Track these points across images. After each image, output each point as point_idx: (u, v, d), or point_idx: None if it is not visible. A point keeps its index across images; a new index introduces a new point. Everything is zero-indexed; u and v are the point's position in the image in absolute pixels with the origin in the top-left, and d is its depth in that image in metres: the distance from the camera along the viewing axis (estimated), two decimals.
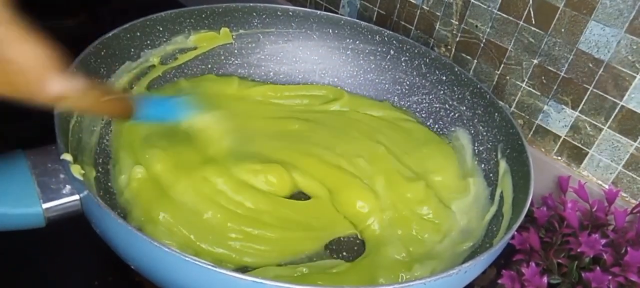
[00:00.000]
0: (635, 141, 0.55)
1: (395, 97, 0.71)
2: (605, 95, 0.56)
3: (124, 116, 0.46)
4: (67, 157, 0.42)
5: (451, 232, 0.55)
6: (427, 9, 0.68)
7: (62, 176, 0.42)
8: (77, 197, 0.42)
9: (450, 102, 0.66)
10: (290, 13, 0.70)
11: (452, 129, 0.66)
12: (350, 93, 0.71)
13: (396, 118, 0.68)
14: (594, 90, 0.57)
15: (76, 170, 0.41)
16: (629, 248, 0.48)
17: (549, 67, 0.59)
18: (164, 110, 0.50)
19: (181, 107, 0.51)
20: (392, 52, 0.70)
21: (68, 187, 0.42)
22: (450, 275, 0.40)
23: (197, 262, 0.36)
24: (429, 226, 0.56)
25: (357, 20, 0.70)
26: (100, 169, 0.52)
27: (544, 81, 0.60)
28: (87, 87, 0.40)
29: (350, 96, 0.70)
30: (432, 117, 0.68)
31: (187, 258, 0.36)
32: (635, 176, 0.57)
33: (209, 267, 0.36)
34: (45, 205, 0.41)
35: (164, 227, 0.48)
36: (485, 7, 0.62)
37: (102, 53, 0.55)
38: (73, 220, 0.43)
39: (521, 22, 0.60)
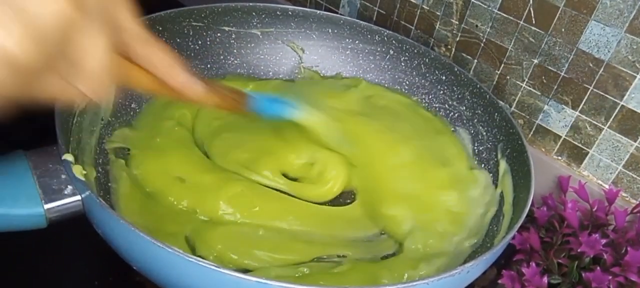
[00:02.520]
0: (635, 141, 0.56)
1: None
2: (606, 95, 0.56)
3: (238, 110, 0.49)
4: (68, 157, 0.42)
5: (469, 222, 0.56)
6: (427, 8, 0.68)
7: (63, 177, 0.42)
8: (78, 197, 0.42)
9: (450, 102, 0.66)
10: (290, 12, 0.70)
11: (452, 129, 0.66)
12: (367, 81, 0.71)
13: (409, 104, 0.69)
14: (594, 90, 0.57)
15: (78, 171, 0.41)
16: (629, 248, 0.48)
17: (549, 67, 0.59)
18: (276, 106, 0.53)
19: (289, 106, 0.54)
20: (391, 51, 0.70)
21: (69, 187, 0.42)
22: (453, 275, 0.40)
23: (200, 263, 0.36)
24: (451, 217, 0.56)
25: (357, 20, 0.70)
26: (100, 170, 0.52)
27: (544, 81, 0.60)
28: (211, 85, 0.44)
29: (368, 83, 0.71)
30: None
31: (190, 259, 0.36)
32: (635, 176, 0.57)
33: (212, 267, 0.36)
34: (47, 206, 0.41)
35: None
36: (486, 6, 0.62)
37: None
38: (73, 220, 0.43)
39: (521, 22, 0.60)
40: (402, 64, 0.70)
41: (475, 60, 0.66)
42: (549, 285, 0.49)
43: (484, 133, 0.62)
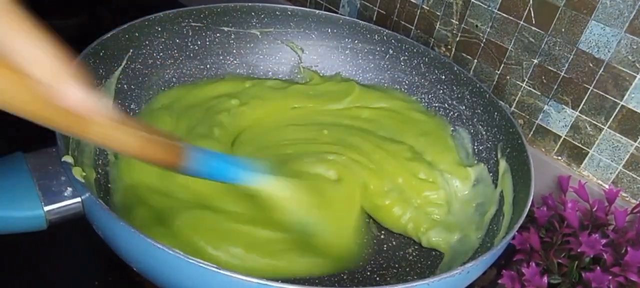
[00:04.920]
0: (635, 141, 0.56)
1: None
2: (606, 95, 0.56)
3: (169, 165, 0.38)
4: (68, 159, 0.42)
5: (456, 199, 0.58)
6: (427, 8, 0.68)
7: (63, 178, 0.42)
8: (78, 199, 0.42)
9: (450, 102, 0.66)
10: (289, 12, 0.70)
11: (452, 128, 0.66)
12: (360, 85, 0.71)
13: (403, 108, 0.68)
14: (594, 90, 0.57)
15: (77, 173, 0.41)
16: (629, 248, 0.48)
17: (549, 67, 0.59)
18: (222, 168, 0.43)
19: (244, 168, 0.44)
20: (390, 51, 0.70)
21: (69, 189, 0.42)
22: (453, 275, 0.40)
23: (201, 264, 0.36)
24: (428, 185, 0.58)
25: (356, 19, 0.70)
26: (99, 171, 0.52)
27: (544, 81, 0.60)
28: (121, 117, 0.32)
29: (361, 89, 0.70)
30: None
31: (191, 260, 0.36)
32: (635, 176, 0.57)
33: (214, 269, 0.36)
34: (47, 208, 0.41)
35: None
36: (486, 6, 0.62)
37: (101, 54, 0.55)
38: (72, 220, 0.43)
39: (521, 22, 0.60)
40: (402, 63, 0.70)
41: (475, 60, 0.66)
42: (549, 285, 0.49)
43: (484, 132, 0.62)
